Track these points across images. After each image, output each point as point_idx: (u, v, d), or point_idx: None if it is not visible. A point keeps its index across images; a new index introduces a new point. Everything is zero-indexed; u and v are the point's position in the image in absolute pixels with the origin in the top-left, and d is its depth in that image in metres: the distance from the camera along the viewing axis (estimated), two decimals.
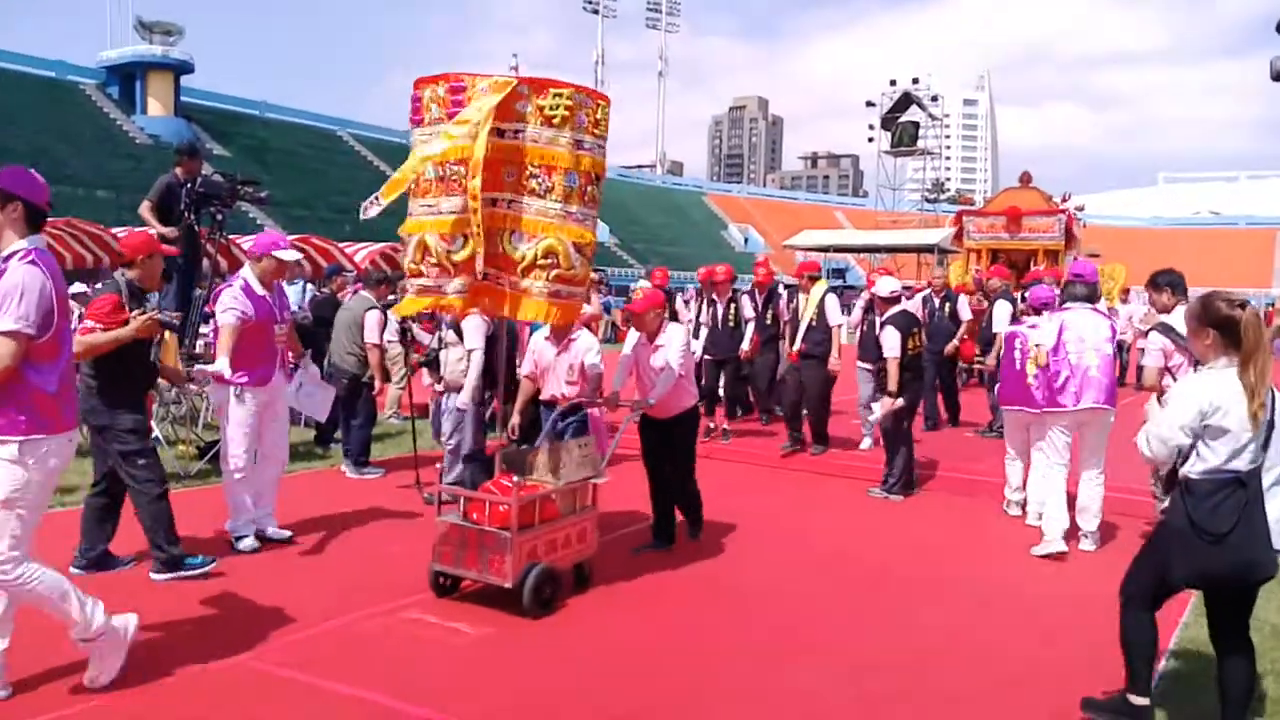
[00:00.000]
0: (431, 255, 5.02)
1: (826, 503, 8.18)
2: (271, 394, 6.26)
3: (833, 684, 4.45)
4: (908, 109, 58.63)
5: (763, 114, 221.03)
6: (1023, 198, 18.29)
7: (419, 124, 5.17)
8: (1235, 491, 3.55)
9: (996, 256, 17.88)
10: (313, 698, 4.11)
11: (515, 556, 5.06)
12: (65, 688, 4.04)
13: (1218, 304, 3.66)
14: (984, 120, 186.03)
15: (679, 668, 4.59)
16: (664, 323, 6.34)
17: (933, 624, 5.29)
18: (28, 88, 45.23)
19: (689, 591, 5.75)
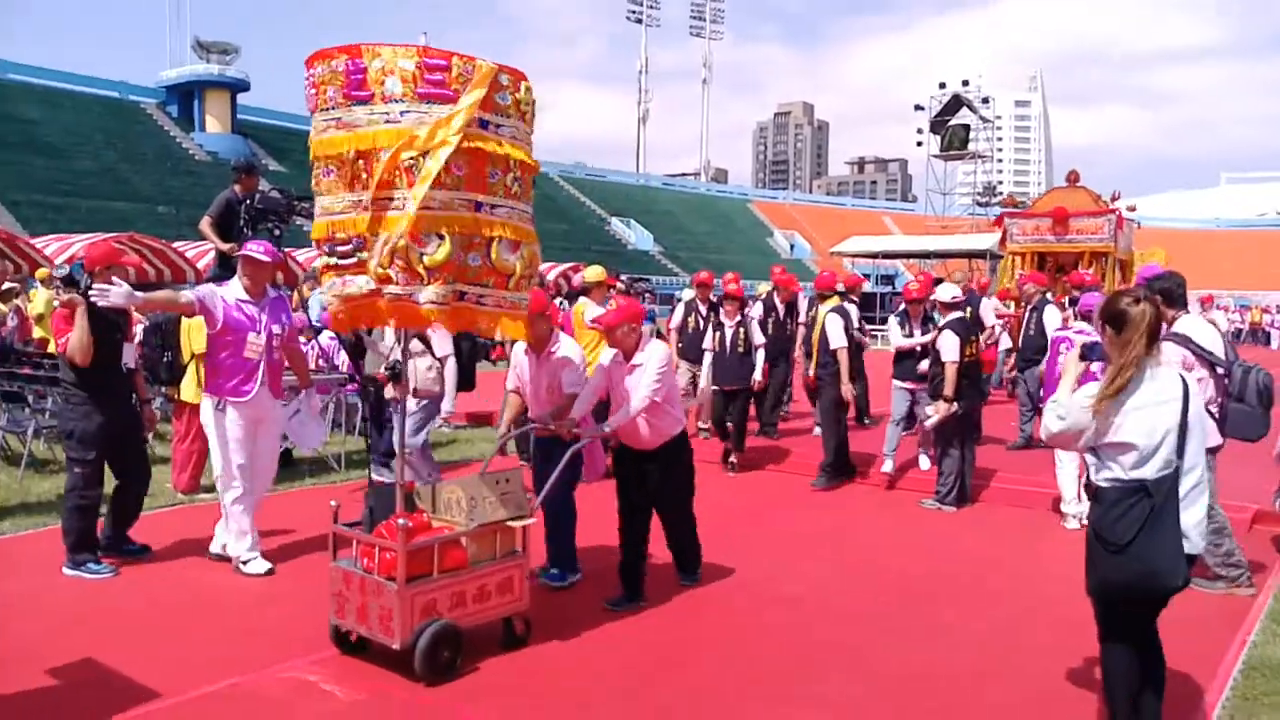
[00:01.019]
0: (402, 258, 4.21)
1: (874, 514, 8.08)
2: (256, 410, 5.96)
3: (874, 694, 4.44)
4: (958, 111, 57.97)
5: (808, 119, 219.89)
6: (1070, 198, 17.47)
7: (315, 110, 4.30)
8: (1140, 500, 3.41)
9: (1044, 261, 17.30)
10: None
11: (404, 612, 4.32)
12: None
13: (1116, 298, 3.58)
14: (1037, 121, 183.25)
15: (718, 674, 4.62)
16: (642, 339, 5.53)
17: (977, 636, 5.23)
18: (93, 108, 46.62)
19: (729, 601, 5.69)
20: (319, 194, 4.39)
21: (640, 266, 52.72)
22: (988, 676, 4.67)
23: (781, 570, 6.33)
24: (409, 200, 4.07)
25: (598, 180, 71.71)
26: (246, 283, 5.99)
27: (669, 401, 5.48)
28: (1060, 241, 16.96)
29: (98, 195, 37.83)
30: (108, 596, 5.58)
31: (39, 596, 5.53)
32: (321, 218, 4.37)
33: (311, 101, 4.29)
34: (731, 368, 9.08)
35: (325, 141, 4.23)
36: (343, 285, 4.30)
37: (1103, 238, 16.59)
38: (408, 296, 4.19)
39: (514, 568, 4.80)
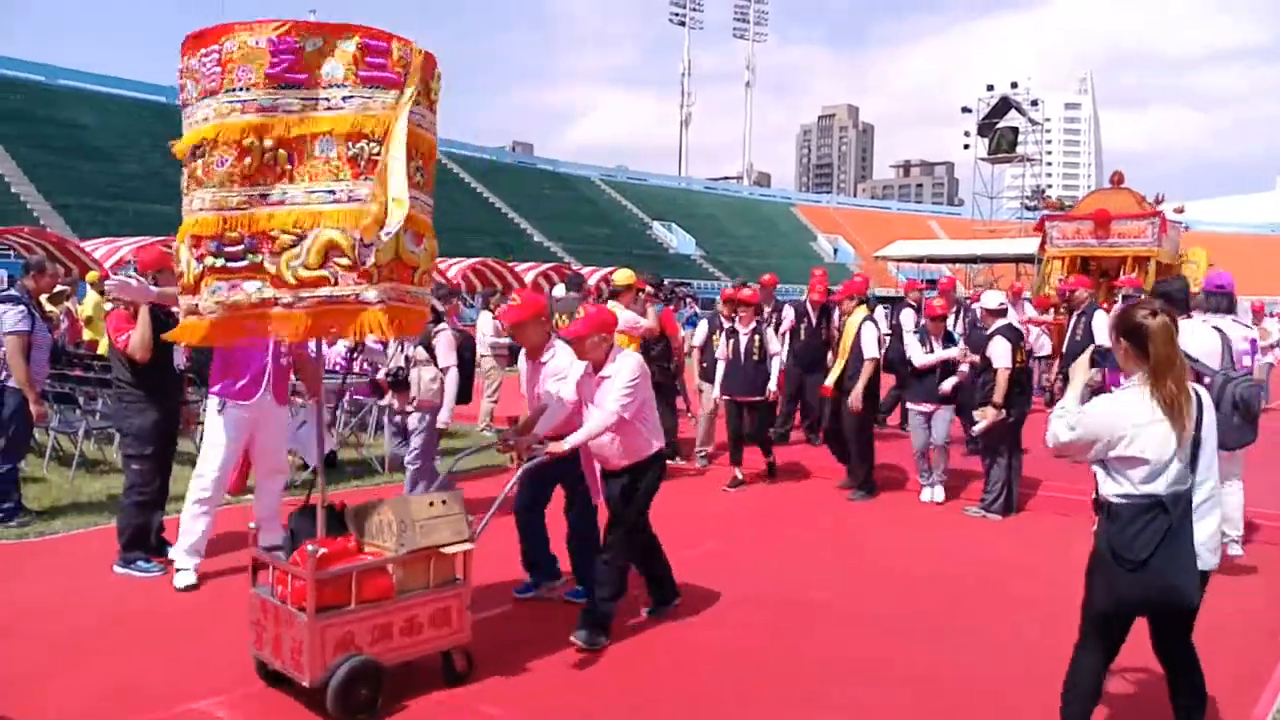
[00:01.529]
0: (344, 256, 3.82)
1: (918, 521, 8.00)
2: (259, 412, 5.88)
3: (894, 697, 4.44)
4: (1006, 114, 57.25)
5: (853, 122, 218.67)
6: (1113, 200, 16.93)
7: (217, 91, 3.81)
8: (1156, 517, 3.34)
9: (1086, 265, 16.76)
10: None
11: (315, 646, 3.96)
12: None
13: (1132, 310, 3.49)
14: (1087, 124, 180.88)
15: (744, 677, 4.60)
16: (613, 350, 5.12)
17: (1010, 642, 5.21)
18: (141, 112, 47.44)
19: (761, 606, 5.68)
20: (198, 185, 3.87)
21: (682, 271, 52.66)
22: (1008, 681, 4.63)
23: (809, 576, 6.34)
24: (379, 191, 3.77)
25: (639, 184, 71.77)
26: None
27: (641, 419, 5.06)
28: (1102, 245, 16.48)
29: (146, 198, 38.41)
30: (152, 595, 5.63)
31: (86, 594, 5.60)
32: (209, 212, 3.83)
33: (212, 81, 3.77)
34: (746, 377, 8.75)
35: (228, 127, 3.74)
36: (229, 291, 3.83)
37: (1146, 241, 16.08)
38: (353, 298, 3.85)
39: (451, 597, 4.38)
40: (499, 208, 57.08)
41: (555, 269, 32.73)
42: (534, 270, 32.51)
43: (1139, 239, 16.12)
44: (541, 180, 64.66)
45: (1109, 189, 17.74)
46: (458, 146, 63.26)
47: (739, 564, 6.57)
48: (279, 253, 3.78)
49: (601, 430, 4.92)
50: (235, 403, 5.80)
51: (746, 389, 8.76)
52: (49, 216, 34.98)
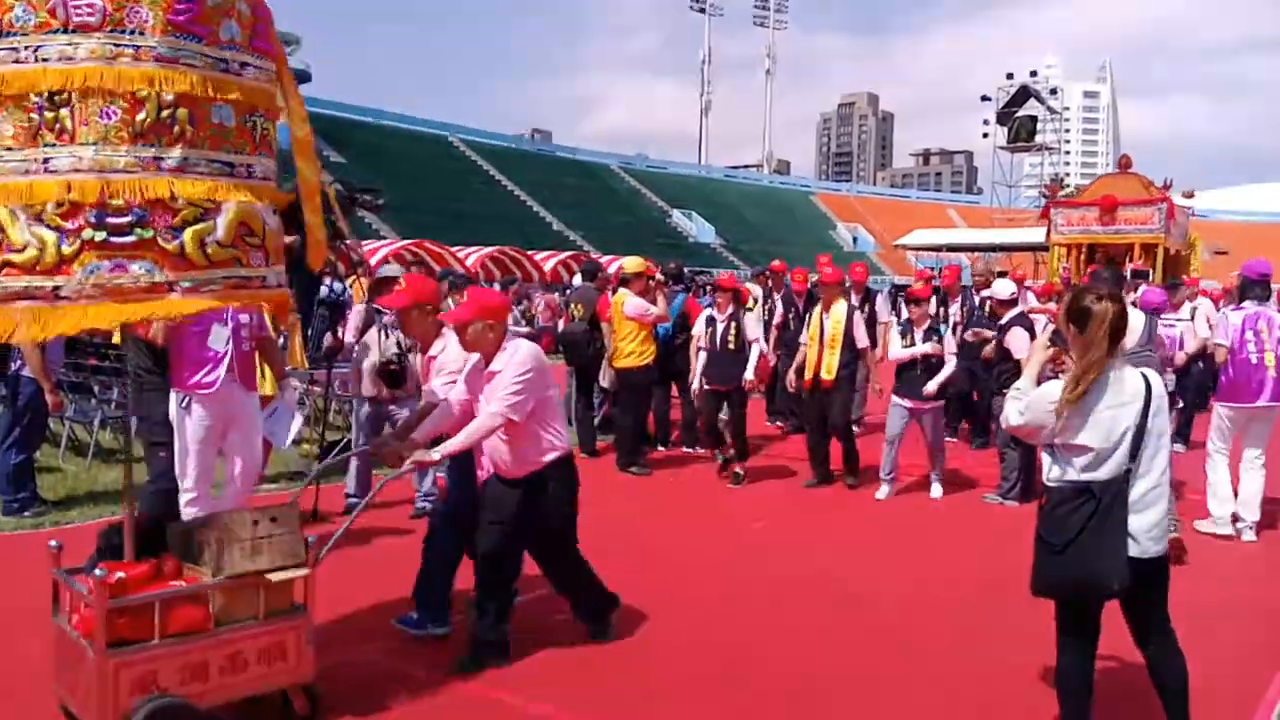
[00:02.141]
0: (255, 235, 3.56)
1: (933, 508, 7.96)
2: (226, 403, 5.58)
3: (923, 690, 4.38)
4: (1025, 103, 56.96)
5: (873, 110, 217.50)
6: (1120, 185, 16.32)
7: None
8: (1085, 502, 3.38)
9: (1093, 253, 16.12)
10: None
11: (106, 686, 3.38)
12: None
13: (1080, 294, 3.51)
14: (1105, 113, 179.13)
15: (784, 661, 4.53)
16: (508, 340, 4.46)
17: (1031, 630, 5.10)
18: None
19: (799, 595, 5.62)
20: (63, 139, 3.18)
21: (702, 259, 52.47)
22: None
23: (837, 568, 6.29)
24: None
25: (659, 172, 71.56)
26: None
27: (539, 420, 4.39)
28: (1108, 232, 15.95)
29: None
30: None
31: None
32: (88, 174, 3.18)
33: (87, 15, 3.15)
34: (722, 366, 8.51)
35: (119, 74, 3.19)
36: (111, 272, 3.20)
37: (1152, 228, 15.52)
38: (258, 281, 3.52)
39: (288, 629, 3.77)
40: (518, 196, 57.00)
41: (574, 257, 32.64)
42: (553, 259, 32.43)
43: (1146, 225, 15.63)
44: (561, 168, 64.54)
45: (1116, 173, 17.20)
46: (476, 134, 63.19)
47: (749, 554, 6.52)
48: (180, 227, 3.28)
49: (484, 434, 4.28)
50: (199, 395, 5.48)
51: (723, 378, 8.55)
52: None
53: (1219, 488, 7.10)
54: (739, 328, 8.51)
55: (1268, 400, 6.87)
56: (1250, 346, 6.89)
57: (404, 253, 24.85)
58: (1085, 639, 3.60)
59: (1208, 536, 6.97)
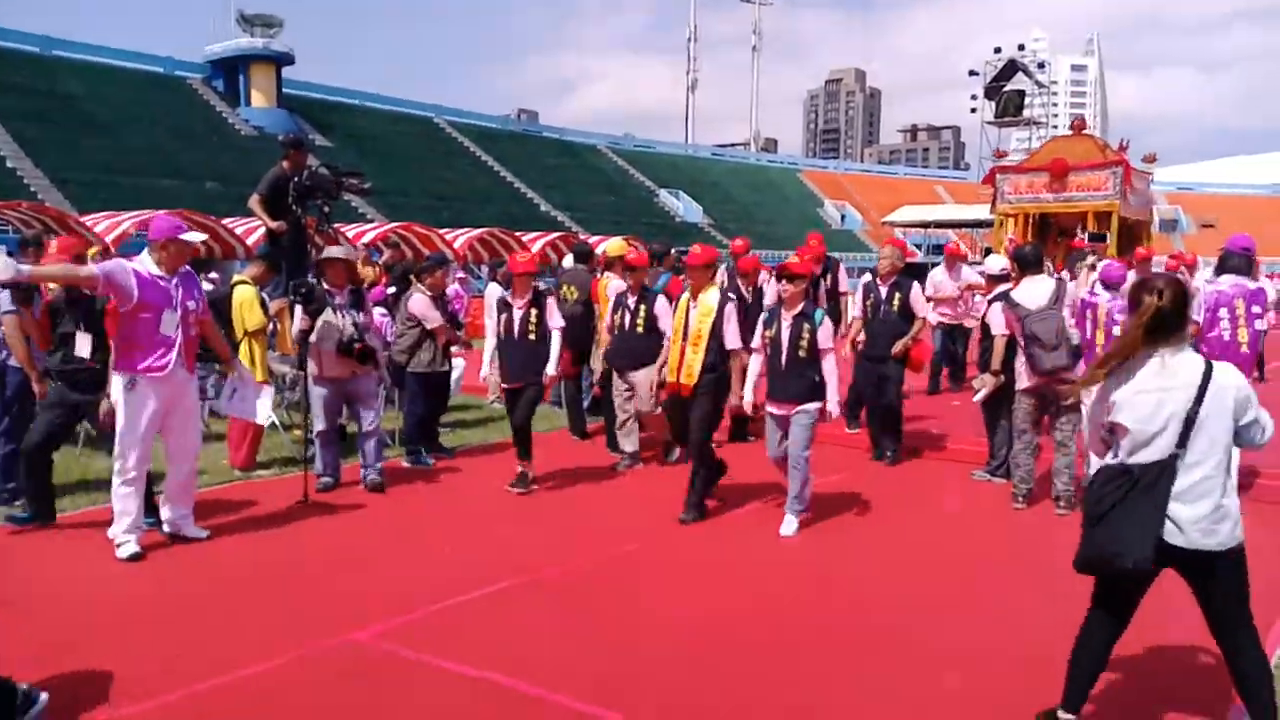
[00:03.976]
0: None
1: (920, 484, 8.02)
2: (170, 387, 5.84)
3: (912, 676, 4.37)
4: (1013, 77, 56.81)
5: (860, 86, 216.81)
6: (1073, 148, 14.66)
7: None
8: (1122, 482, 3.46)
9: (1045, 223, 14.68)
10: None
11: None
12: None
13: (1141, 285, 3.56)
14: (1093, 86, 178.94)
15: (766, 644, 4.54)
16: None
17: (1021, 611, 5.16)
18: (139, 84, 47.01)
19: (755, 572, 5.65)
20: None
21: (689, 238, 52.12)
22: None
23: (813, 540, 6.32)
24: None
25: (646, 151, 71.18)
26: (159, 256, 5.81)
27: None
28: (1058, 199, 14.37)
29: (146, 172, 38.14)
30: (162, 574, 5.60)
31: (99, 570, 5.60)
32: None
33: None
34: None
35: None
36: None
37: (1107, 194, 13.85)
38: None
39: None
40: (505, 177, 56.69)
41: (562, 238, 32.49)
42: (542, 239, 32.28)
43: (1099, 191, 14.02)
44: (547, 148, 64.16)
45: (1068, 135, 15.67)
46: (462, 114, 62.73)
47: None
48: None
49: None
50: (147, 377, 5.71)
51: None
52: (47, 191, 34.71)
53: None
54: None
55: None
56: (1224, 324, 6.97)
57: (391, 235, 24.71)
58: (1111, 616, 3.66)
59: None
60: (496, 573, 5.59)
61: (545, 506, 7.23)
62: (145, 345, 5.73)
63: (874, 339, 8.64)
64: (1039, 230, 14.51)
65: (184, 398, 6.01)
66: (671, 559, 6.05)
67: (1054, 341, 6.76)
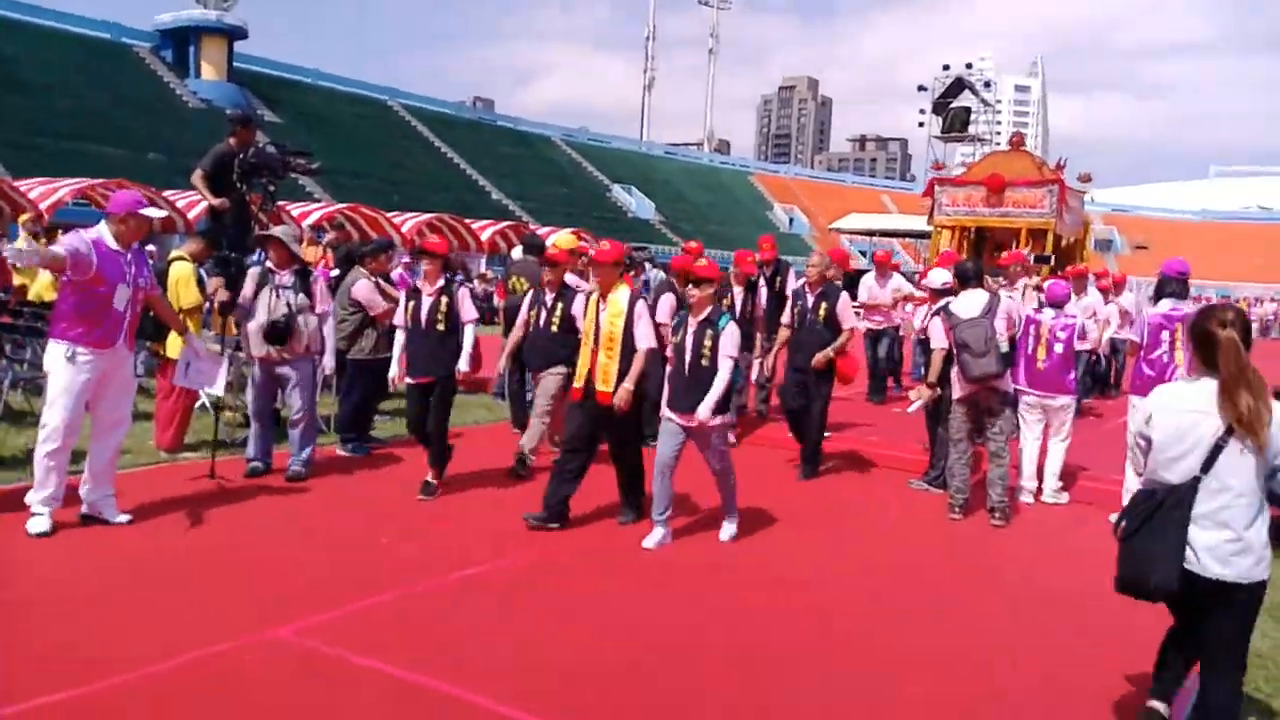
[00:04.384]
0: None
1: (860, 493, 8.05)
2: (111, 361, 5.76)
3: (871, 684, 4.37)
4: (960, 94, 57.73)
5: (812, 94, 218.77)
6: (1010, 164, 14.57)
7: None
8: (1149, 501, 3.53)
9: (981, 237, 14.70)
10: None
11: None
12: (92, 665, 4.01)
13: (1206, 317, 3.56)
14: (1036, 107, 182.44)
15: (715, 653, 4.50)
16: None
17: (966, 622, 5.21)
18: (82, 50, 45.71)
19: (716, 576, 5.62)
20: None
21: (641, 235, 52.29)
22: (980, 662, 4.51)
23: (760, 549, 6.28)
24: None
25: (601, 146, 71.05)
26: (117, 230, 5.73)
27: None
28: (994, 214, 14.31)
29: (86, 139, 37.14)
30: (67, 559, 5.38)
31: (18, 553, 5.38)
32: None
33: None
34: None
35: None
36: None
37: (1042, 212, 13.87)
38: None
39: None
40: (457, 164, 56.18)
41: (514, 228, 32.26)
42: (491, 228, 32.03)
43: (1035, 209, 13.99)
44: (502, 138, 63.73)
45: (1006, 151, 15.53)
46: (418, 99, 62.03)
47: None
48: None
49: None
50: (88, 350, 5.60)
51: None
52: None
53: (1131, 482, 7.28)
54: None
55: None
56: (1164, 345, 7.11)
57: (337, 216, 24.32)
58: (1178, 625, 3.82)
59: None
60: (425, 569, 5.47)
61: (480, 502, 7.06)
62: (96, 318, 5.62)
63: (799, 349, 8.25)
64: (975, 244, 14.52)
65: (120, 371, 5.90)
66: (608, 561, 5.98)
67: (982, 348, 6.89)
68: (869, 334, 12.12)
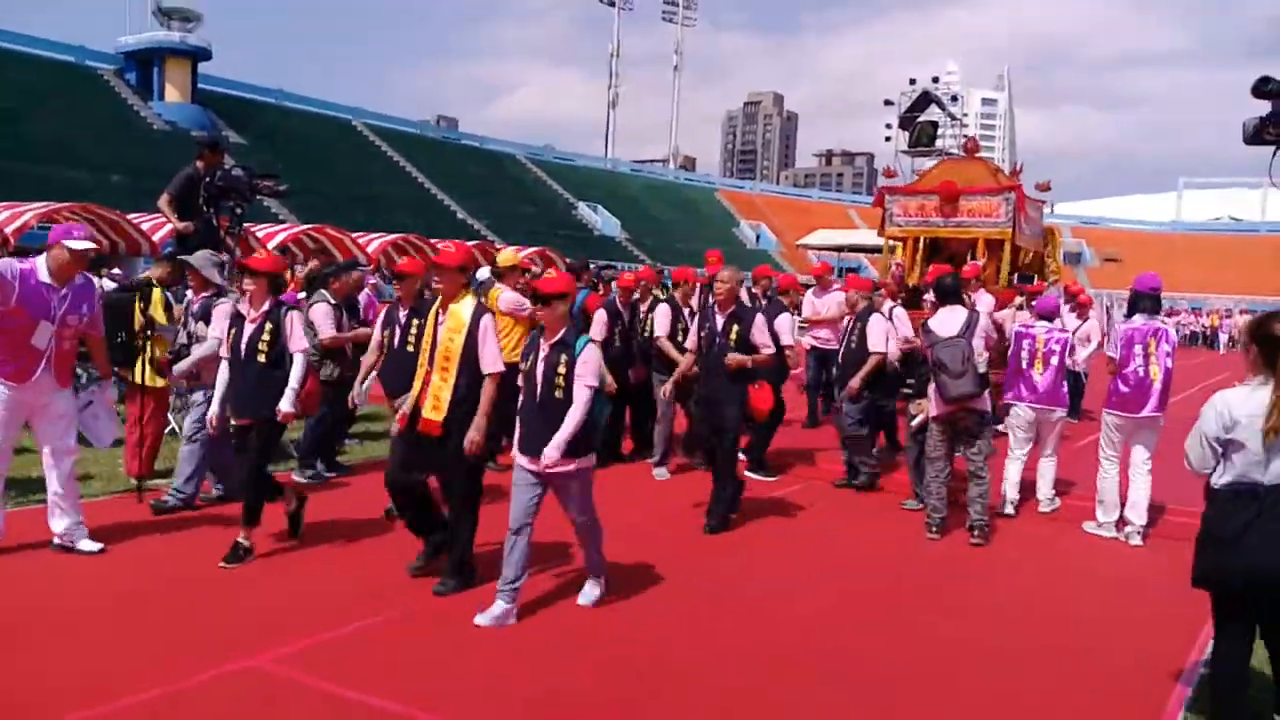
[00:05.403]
0: None
1: (856, 514, 8.11)
2: (33, 394, 5.68)
3: (859, 697, 4.42)
4: (926, 108, 58.24)
5: (778, 110, 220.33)
6: (964, 171, 13.69)
7: None
8: (1249, 502, 3.69)
9: (935, 248, 13.87)
10: None
11: None
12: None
13: (1270, 318, 3.79)
14: (1002, 120, 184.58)
15: (700, 670, 4.54)
16: None
17: (951, 637, 5.27)
18: (46, 72, 45.30)
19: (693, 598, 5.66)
20: None
21: (607, 253, 52.40)
22: (964, 675, 4.56)
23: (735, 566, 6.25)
24: None
25: (565, 164, 71.16)
26: (57, 269, 5.64)
27: None
28: (948, 224, 13.37)
29: (50, 162, 36.77)
30: (39, 589, 5.34)
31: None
32: None
33: None
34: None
35: None
36: None
37: (998, 221, 12.92)
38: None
39: None
40: (421, 183, 56.07)
41: (479, 246, 32.25)
42: None
43: (990, 219, 13.04)
44: (466, 156, 63.70)
45: (960, 158, 14.66)
46: (380, 119, 61.89)
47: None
48: None
49: None
50: (7, 383, 5.60)
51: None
52: None
53: (1107, 494, 7.46)
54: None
55: (1152, 410, 7.24)
56: (1138, 359, 7.22)
57: (303, 237, 24.23)
58: (1244, 625, 3.86)
59: (1094, 538, 7.35)
60: (402, 596, 5.48)
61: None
62: (11, 349, 5.57)
63: (707, 376, 7.30)
64: (928, 256, 13.71)
65: (51, 405, 5.81)
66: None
67: (959, 369, 6.94)
68: (814, 352, 11.75)
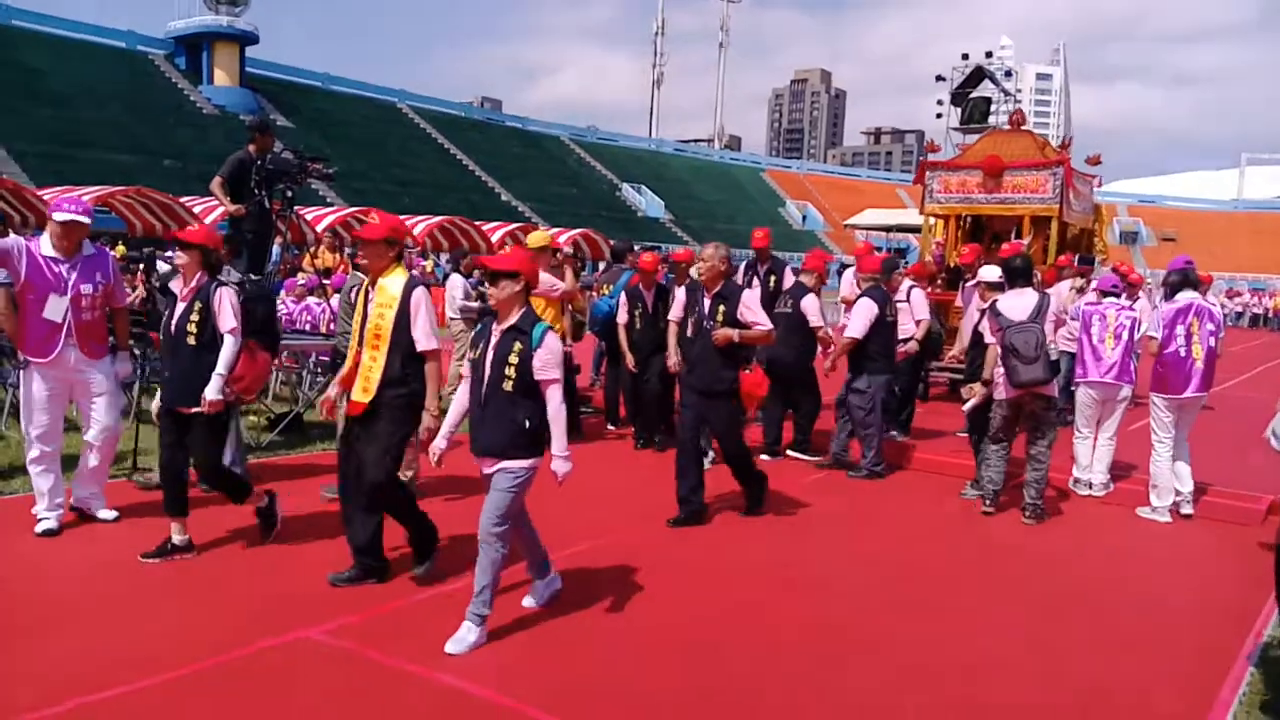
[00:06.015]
0: None
1: (906, 494, 8.02)
2: (61, 370, 5.72)
3: (891, 689, 4.34)
4: (979, 84, 57.18)
5: (825, 87, 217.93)
6: (1009, 145, 12.99)
7: None
8: None
9: (979, 226, 13.21)
10: None
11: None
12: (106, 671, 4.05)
13: None
14: (1058, 96, 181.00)
15: (736, 654, 4.49)
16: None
17: (1001, 620, 5.18)
18: (100, 58, 46.17)
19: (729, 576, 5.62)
20: None
21: (651, 234, 52.40)
22: (1001, 671, 4.48)
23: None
24: None
25: (610, 145, 71.14)
26: (56, 242, 5.68)
27: None
28: (991, 200, 12.64)
29: (104, 147, 37.50)
30: (122, 557, 5.42)
31: (55, 554, 5.46)
32: None
33: None
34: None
35: None
36: None
37: (1045, 197, 12.24)
38: None
39: None
40: (466, 165, 56.36)
41: (522, 228, 32.33)
42: (502, 229, 32.11)
43: (1037, 194, 12.38)
44: (510, 138, 63.90)
45: (1006, 130, 14.02)
46: (426, 101, 62.26)
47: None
48: None
49: None
50: (35, 360, 5.69)
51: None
52: (3, 163, 33.99)
53: (1160, 479, 7.36)
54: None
55: (1194, 391, 7.20)
56: (1179, 340, 7.15)
57: (351, 219, 24.45)
58: None
59: (1147, 522, 7.27)
60: (436, 574, 5.50)
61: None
62: (31, 328, 5.66)
63: (694, 364, 6.79)
64: (971, 234, 13.17)
65: (88, 381, 5.85)
66: (642, 558, 5.97)
67: (1032, 355, 6.88)
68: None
